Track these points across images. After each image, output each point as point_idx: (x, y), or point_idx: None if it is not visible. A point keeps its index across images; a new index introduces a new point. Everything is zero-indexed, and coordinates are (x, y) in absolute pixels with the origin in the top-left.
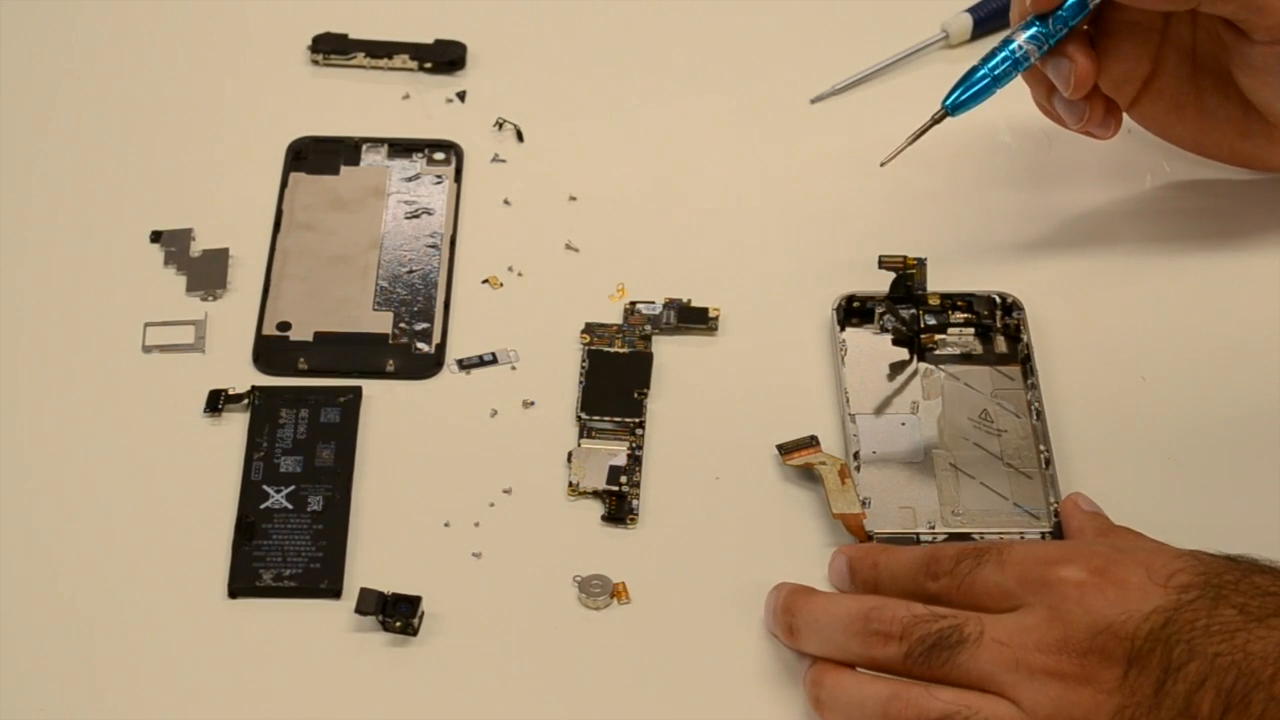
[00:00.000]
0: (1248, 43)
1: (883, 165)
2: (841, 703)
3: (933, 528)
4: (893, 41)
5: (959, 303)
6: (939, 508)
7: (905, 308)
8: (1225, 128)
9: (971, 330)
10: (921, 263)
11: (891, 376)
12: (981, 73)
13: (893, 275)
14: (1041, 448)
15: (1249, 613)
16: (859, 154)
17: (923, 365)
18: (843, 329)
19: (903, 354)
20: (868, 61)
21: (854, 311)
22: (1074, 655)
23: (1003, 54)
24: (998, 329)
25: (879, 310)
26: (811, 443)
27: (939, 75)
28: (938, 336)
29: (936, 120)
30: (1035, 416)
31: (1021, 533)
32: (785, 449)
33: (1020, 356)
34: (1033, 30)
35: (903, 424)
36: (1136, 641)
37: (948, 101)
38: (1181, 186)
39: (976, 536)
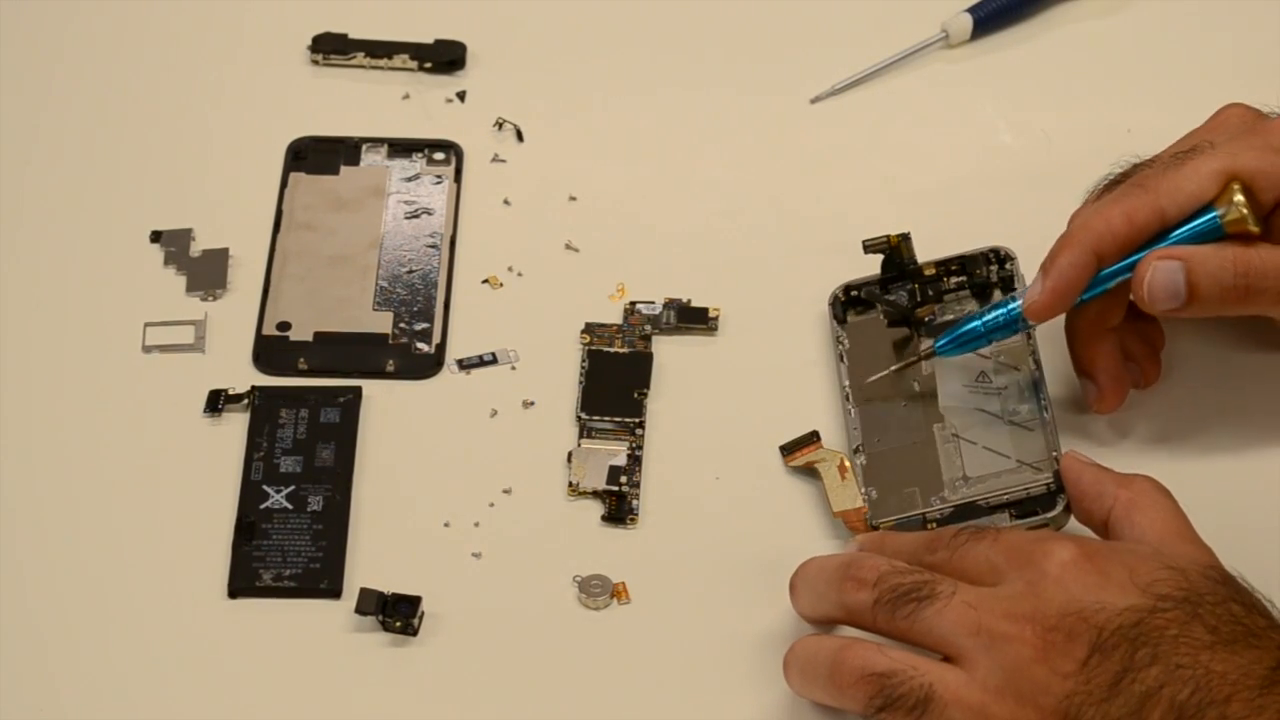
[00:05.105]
0: None
1: (869, 382)
2: (800, 659)
3: (942, 502)
4: (893, 41)
5: (953, 267)
6: (945, 480)
7: (902, 284)
8: None
9: (967, 292)
10: (905, 237)
11: (892, 359)
12: (974, 325)
13: (881, 257)
14: (1042, 398)
15: (1219, 634)
16: (859, 154)
17: (923, 341)
18: (843, 321)
19: (902, 333)
20: (868, 61)
21: (855, 301)
22: (1040, 628)
23: (999, 311)
24: (994, 284)
25: (875, 298)
26: (813, 439)
27: (939, 75)
28: (935, 306)
29: (924, 356)
30: (1035, 365)
31: (1026, 488)
32: (787, 449)
33: None
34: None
35: (904, 405)
36: (1105, 632)
37: (937, 344)
38: None
39: (981, 503)
